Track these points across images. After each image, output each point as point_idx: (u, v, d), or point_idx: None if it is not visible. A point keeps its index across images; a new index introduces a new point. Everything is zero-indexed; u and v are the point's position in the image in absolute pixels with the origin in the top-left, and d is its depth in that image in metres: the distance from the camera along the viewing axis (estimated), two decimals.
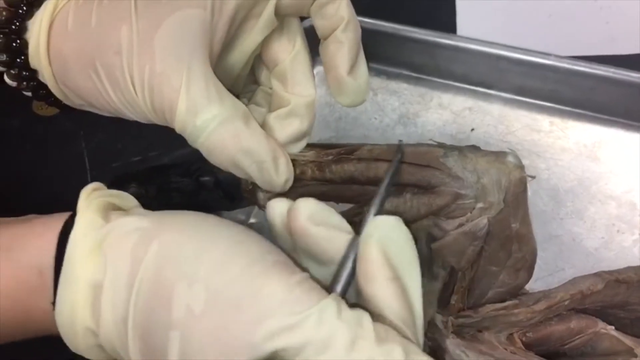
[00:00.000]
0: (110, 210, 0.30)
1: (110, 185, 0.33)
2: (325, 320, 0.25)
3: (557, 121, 0.55)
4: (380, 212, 0.31)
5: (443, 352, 0.34)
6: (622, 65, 0.52)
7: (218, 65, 0.34)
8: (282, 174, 0.34)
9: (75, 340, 0.28)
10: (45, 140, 0.58)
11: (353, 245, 0.29)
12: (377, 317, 0.27)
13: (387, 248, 0.27)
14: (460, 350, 0.34)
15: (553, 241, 0.50)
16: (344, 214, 0.34)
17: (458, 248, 0.33)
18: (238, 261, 0.27)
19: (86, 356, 0.29)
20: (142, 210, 0.31)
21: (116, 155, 0.56)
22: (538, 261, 0.36)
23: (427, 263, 0.34)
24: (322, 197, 0.34)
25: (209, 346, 0.25)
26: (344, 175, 0.35)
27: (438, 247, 0.34)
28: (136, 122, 0.33)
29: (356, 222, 0.34)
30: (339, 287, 0.28)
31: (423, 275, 0.29)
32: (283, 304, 0.26)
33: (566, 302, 0.36)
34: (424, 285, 0.31)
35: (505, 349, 0.34)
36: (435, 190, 0.33)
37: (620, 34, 0.58)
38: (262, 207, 0.35)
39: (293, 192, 0.35)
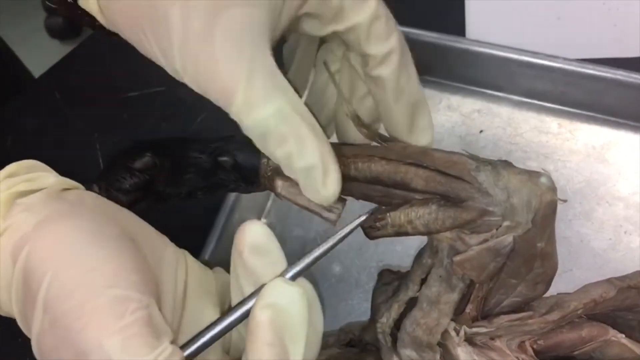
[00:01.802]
0: (18, 198, 0.31)
1: (126, 152, 0.35)
2: None
3: (566, 123, 0.56)
4: (302, 271, 0.31)
5: None
6: (630, 67, 0.53)
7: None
8: (329, 187, 0.32)
9: None
10: (60, 141, 0.59)
11: (254, 293, 0.30)
12: None
13: (275, 315, 0.28)
14: (472, 358, 0.34)
15: (561, 242, 0.50)
16: (367, 220, 0.34)
17: (480, 263, 0.33)
18: (79, 292, 0.28)
19: None
20: (39, 199, 0.31)
21: None
22: None
23: (447, 275, 0.34)
24: (342, 193, 0.34)
25: (50, 358, 0.29)
26: (369, 175, 0.34)
27: (460, 260, 0.33)
28: (150, 123, 0.34)
29: (377, 228, 0.34)
30: (208, 335, 0.30)
31: (441, 286, 0.29)
32: (97, 352, 0.27)
33: (579, 311, 0.36)
34: (441, 296, 0.32)
35: (517, 357, 0.35)
36: (462, 204, 0.32)
37: (629, 36, 0.58)
38: (279, 195, 0.34)
39: None
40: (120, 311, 0.27)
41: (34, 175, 0.32)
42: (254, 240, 0.30)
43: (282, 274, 0.30)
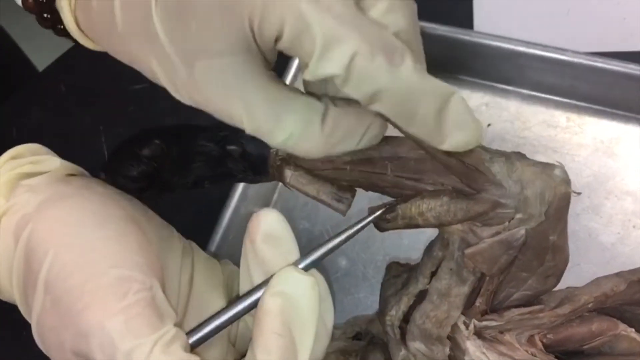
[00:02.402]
0: (22, 180, 0.31)
1: (136, 138, 0.35)
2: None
3: (574, 117, 0.55)
4: (315, 263, 0.30)
5: (462, 353, 0.35)
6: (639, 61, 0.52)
7: None
8: (376, 139, 0.30)
9: None
10: (66, 134, 0.59)
11: (264, 282, 0.29)
12: None
13: (285, 303, 0.28)
14: (481, 351, 0.34)
15: (569, 237, 0.50)
16: (379, 213, 0.34)
17: (491, 256, 0.32)
18: (81, 271, 0.28)
19: None
20: (43, 181, 0.31)
21: None
22: None
23: (458, 267, 0.34)
24: (352, 184, 0.34)
25: (50, 339, 0.29)
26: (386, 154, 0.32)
27: (471, 253, 0.33)
28: (155, 118, 0.33)
29: (387, 220, 0.34)
30: (216, 321, 0.29)
31: (451, 279, 0.29)
32: (98, 332, 0.27)
33: (590, 305, 0.36)
34: (451, 289, 0.31)
35: (526, 351, 0.34)
36: (475, 196, 0.32)
37: (638, 30, 0.58)
38: (288, 185, 0.34)
39: (321, 176, 0.33)
40: (123, 291, 0.27)
41: (39, 157, 0.32)
42: (269, 228, 0.29)
43: (294, 264, 0.30)
